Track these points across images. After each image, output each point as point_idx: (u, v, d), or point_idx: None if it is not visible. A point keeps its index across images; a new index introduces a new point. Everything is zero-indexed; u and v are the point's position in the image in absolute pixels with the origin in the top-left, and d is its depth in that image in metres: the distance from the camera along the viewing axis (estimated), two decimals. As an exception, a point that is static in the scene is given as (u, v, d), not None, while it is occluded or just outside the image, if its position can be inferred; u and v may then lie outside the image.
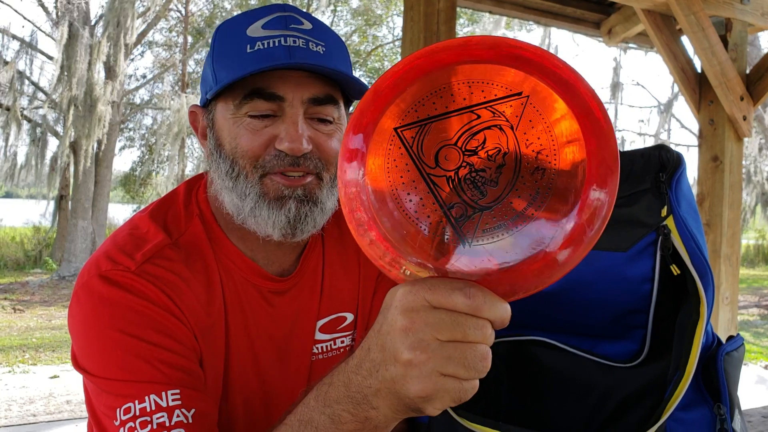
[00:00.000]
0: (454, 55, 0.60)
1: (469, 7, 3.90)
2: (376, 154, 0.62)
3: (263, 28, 0.96)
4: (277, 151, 0.95)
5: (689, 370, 0.83)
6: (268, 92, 0.94)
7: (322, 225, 1.01)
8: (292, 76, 0.95)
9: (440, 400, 0.61)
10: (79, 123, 12.52)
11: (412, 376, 0.60)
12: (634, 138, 19.27)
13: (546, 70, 0.59)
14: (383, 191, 0.62)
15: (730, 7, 3.34)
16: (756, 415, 2.59)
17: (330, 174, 1.00)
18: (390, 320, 0.62)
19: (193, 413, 0.86)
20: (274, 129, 0.95)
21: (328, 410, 0.72)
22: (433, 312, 0.60)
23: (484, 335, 0.60)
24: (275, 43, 0.94)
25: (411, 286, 0.61)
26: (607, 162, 0.60)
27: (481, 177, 0.61)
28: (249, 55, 0.93)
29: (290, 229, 0.96)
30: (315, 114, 0.98)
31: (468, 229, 0.61)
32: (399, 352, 0.61)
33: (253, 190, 0.96)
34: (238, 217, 0.98)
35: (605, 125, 0.60)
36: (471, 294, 0.59)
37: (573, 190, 0.61)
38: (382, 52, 17.98)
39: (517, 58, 0.59)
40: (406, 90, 0.61)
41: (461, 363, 0.60)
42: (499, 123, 0.61)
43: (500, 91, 0.61)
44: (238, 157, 0.96)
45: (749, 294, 13.76)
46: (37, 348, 7.60)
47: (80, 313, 0.93)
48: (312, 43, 0.96)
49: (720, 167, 3.53)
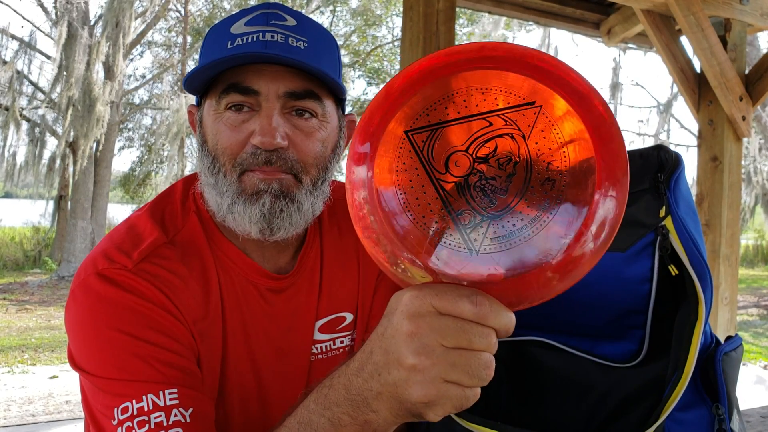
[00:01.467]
0: (469, 61, 0.60)
1: (469, 8, 3.90)
2: (385, 156, 0.62)
3: (246, 24, 0.97)
4: (253, 148, 0.95)
5: (687, 370, 0.83)
6: (242, 86, 0.94)
7: (300, 225, 1.00)
8: (267, 70, 0.94)
9: (442, 407, 0.61)
10: (77, 123, 12.51)
11: (416, 381, 0.61)
12: (634, 138, 19.27)
13: (561, 81, 0.60)
14: (391, 194, 0.62)
15: (729, 7, 3.34)
16: (755, 416, 2.59)
17: (310, 177, 0.99)
18: (395, 324, 0.62)
19: (190, 412, 0.86)
20: (251, 125, 0.96)
21: (328, 413, 0.71)
22: (439, 318, 0.60)
23: (489, 344, 0.60)
24: (253, 39, 0.94)
25: (418, 291, 0.61)
26: (617, 175, 0.60)
27: (491, 185, 0.61)
28: (228, 50, 0.94)
29: (266, 223, 0.96)
30: (294, 106, 0.97)
31: (476, 236, 0.61)
32: (403, 357, 0.61)
33: (231, 187, 0.96)
34: (218, 214, 0.99)
35: (616, 138, 0.60)
36: (478, 302, 0.59)
37: (582, 201, 0.61)
38: (381, 53, 17.96)
39: (533, 67, 0.60)
40: (418, 93, 0.61)
41: (465, 370, 0.60)
42: (511, 132, 0.61)
43: (513, 100, 0.61)
44: (219, 154, 0.97)
45: (748, 294, 13.77)
46: (36, 348, 7.59)
47: (77, 311, 0.92)
48: (292, 39, 0.95)
49: (719, 167, 3.53)
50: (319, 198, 1.01)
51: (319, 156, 1.00)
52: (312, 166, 0.99)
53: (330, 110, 1.01)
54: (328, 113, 1.01)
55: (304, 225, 1.01)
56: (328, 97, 1.01)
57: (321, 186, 1.01)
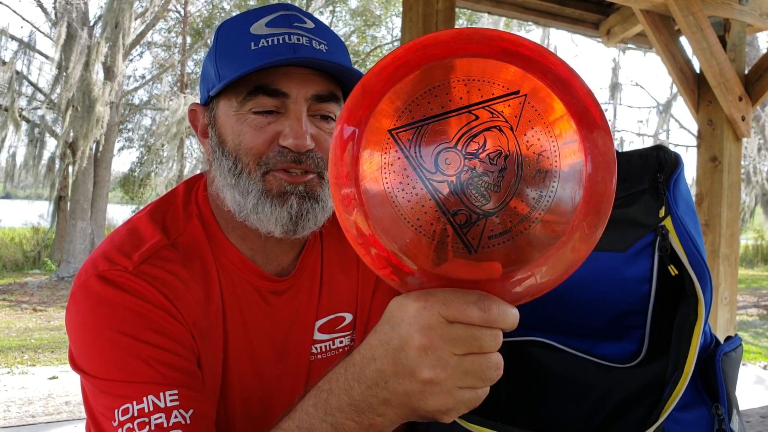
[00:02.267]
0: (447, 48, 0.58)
1: (468, 8, 3.91)
2: (371, 155, 0.60)
3: (267, 26, 0.96)
4: (280, 148, 0.95)
5: (687, 370, 0.83)
6: (272, 88, 0.94)
7: (322, 222, 1.01)
8: (295, 72, 0.95)
9: (457, 411, 0.63)
10: (77, 124, 12.51)
11: (432, 393, 0.61)
12: (633, 138, 19.30)
13: (541, 66, 0.58)
14: (381, 196, 0.60)
15: (729, 7, 3.34)
16: (754, 416, 2.59)
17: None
18: (404, 336, 0.62)
19: (191, 414, 0.86)
20: (277, 126, 0.96)
21: (330, 418, 0.71)
22: (449, 327, 0.60)
23: (498, 344, 0.62)
24: (280, 41, 0.94)
25: (424, 302, 0.61)
26: (605, 161, 0.60)
27: (484, 182, 0.59)
28: (253, 52, 0.94)
29: (292, 225, 0.96)
30: (318, 111, 0.98)
31: (474, 235, 0.60)
32: (418, 371, 0.61)
33: (256, 187, 0.96)
34: (240, 214, 0.98)
35: (601, 124, 0.59)
36: (486, 307, 0.60)
37: (574, 191, 0.60)
38: (381, 53, 17.96)
39: (510, 53, 0.58)
40: (397, 85, 0.59)
41: (478, 376, 0.61)
42: (498, 124, 0.59)
43: (498, 90, 0.59)
44: (242, 155, 0.96)
45: (748, 294, 13.77)
46: (35, 349, 7.59)
47: (78, 313, 0.92)
48: (315, 42, 0.96)
49: (719, 167, 3.53)
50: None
51: None
52: None
53: None
54: None
55: (324, 222, 1.02)
56: (343, 97, 1.03)
57: None
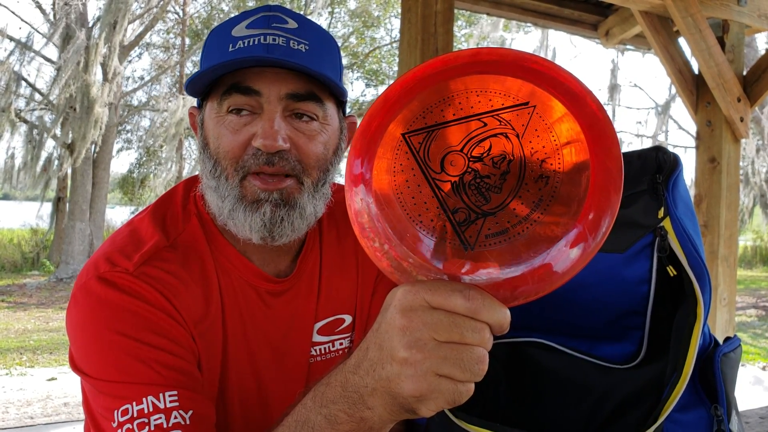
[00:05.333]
0: (464, 66, 0.61)
1: (467, 9, 3.91)
2: (383, 157, 0.64)
3: (247, 27, 0.97)
4: (254, 150, 0.95)
5: (686, 371, 0.83)
6: (244, 86, 0.95)
7: (303, 230, 1.01)
8: (268, 72, 0.95)
9: (434, 401, 0.62)
10: (75, 125, 12.50)
11: (407, 374, 0.61)
12: (632, 139, 19.31)
13: (554, 82, 0.60)
14: (388, 194, 0.64)
15: (727, 8, 3.35)
16: (753, 417, 2.59)
17: (312, 179, 0.99)
18: (389, 319, 0.63)
19: (190, 414, 0.86)
20: (252, 127, 0.96)
21: (324, 410, 0.72)
22: (431, 312, 0.60)
23: (482, 338, 0.60)
24: (255, 42, 0.94)
25: (411, 286, 0.62)
26: (612, 173, 0.61)
27: (486, 183, 0.63)
28: (229, 53, 0.94)
29: (267, 232, 0.96)
30: (295, 110, 0.97)
31: (471, 233, 0.62)
32: (396, 351, 0.61)
33: (233, 192, 0.96)
34: (219, 218, 1.00)
35: (611, 136, 0.60)
36: (470, 296, 0.59)
37: (576, 198, 0.62)
38: (379, 54, 17.97)
39: (527, 70, 0.60)
40: (415, 98, 0.63)
41: (457, 364, 0.60)
42: (505, 131, 0.62)
43: (507, 101, 0.62)
44: (221, 158, 0.97)
45: (747, 295, 13.78)
46: (34, 350, 7.58)
47: (78, 314, 0.93)
48: (293, 42, 0.96)
49: (717, 168, 3.54)
50: (320, 200, 1.02)
51: (321, 158, 1.00)
52: (313, 168, 0.99)
53: (331, 112, 1.02)
54: (329, 115, 1.01)
55: (306, 228, 1.01)
56: (329, 99, 1.01)
57: (322, 188, 1.02)
